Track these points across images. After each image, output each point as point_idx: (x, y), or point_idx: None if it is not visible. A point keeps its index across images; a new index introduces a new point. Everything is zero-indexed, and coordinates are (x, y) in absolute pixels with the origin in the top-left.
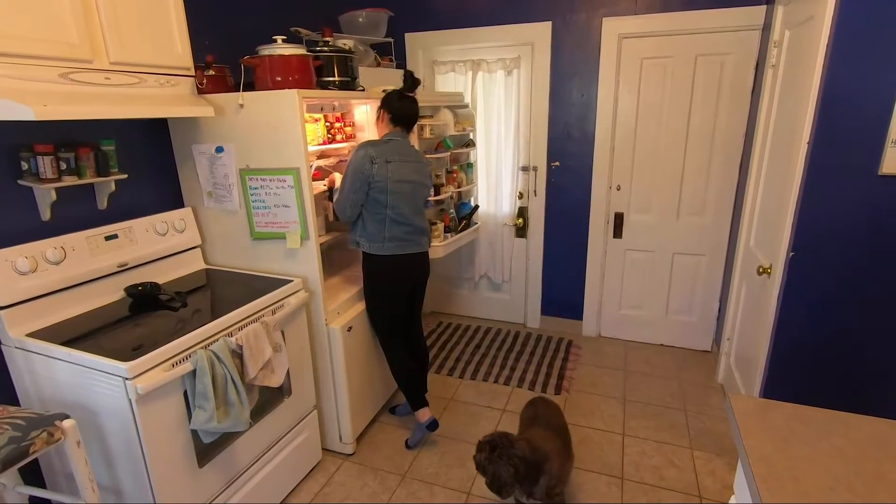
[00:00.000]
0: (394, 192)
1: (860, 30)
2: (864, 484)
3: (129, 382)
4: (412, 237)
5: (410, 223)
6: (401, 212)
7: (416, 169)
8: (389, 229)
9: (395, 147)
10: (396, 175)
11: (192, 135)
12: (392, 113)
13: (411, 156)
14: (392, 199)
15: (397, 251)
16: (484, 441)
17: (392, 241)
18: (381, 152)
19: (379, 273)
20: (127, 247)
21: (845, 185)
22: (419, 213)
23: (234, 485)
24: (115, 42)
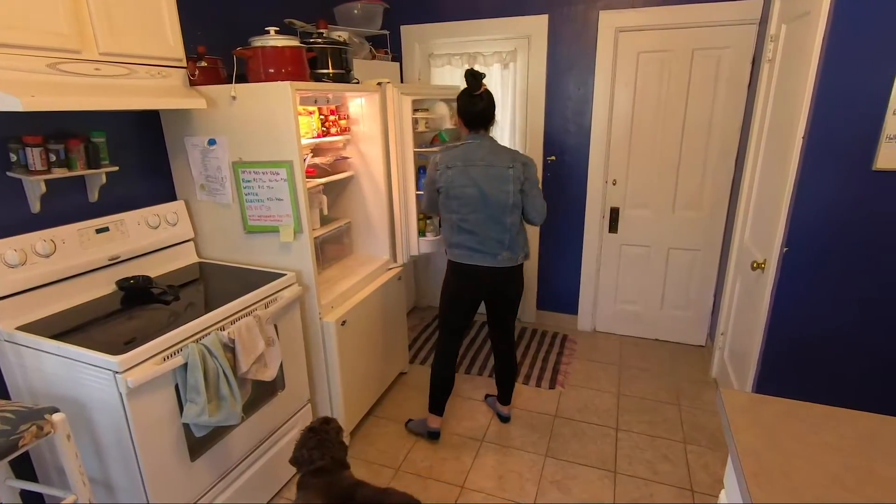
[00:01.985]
0: (457, 197)
1: (856, 25)
2: (855, 479)
3: (119, 376)
4: (482, 248)
5: (478, 232)
6: (465, 218)
7: (487, 174)
8: (457, 235)
9: (464, 151)
10: (458, 181)
11: (184, 127)
12: (461, 115)
13: (483, 160)
14: (456, 205)
15: (463, 260)
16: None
17: (458, 248)
18: (447, 158)
19: (447, 276)
20: (118, 240)
21: (840, 180)
22: (494, 223)
23: (226, 478)
24: (104, 32)
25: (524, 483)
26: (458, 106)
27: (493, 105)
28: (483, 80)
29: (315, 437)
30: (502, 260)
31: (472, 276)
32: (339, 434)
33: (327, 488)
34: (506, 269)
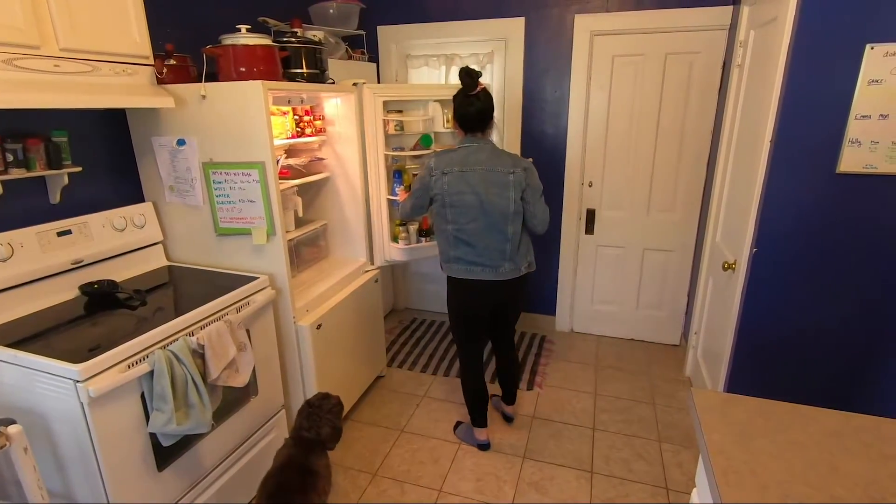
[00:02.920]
0: (454, 205)
1: (820, 31)
2: (818, 476)
3: (80, 385)
4: (482, 260)
5: (477, 243)
6: (463, 228)
7: (487, 179)
8: (454, 247)
9: (461, 156)
10: (455, 187)
11: (152, 127)
12: (457, 117)
13: (482, 164)
14: (452, 214)
15: (462, 275)
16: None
17: (458, 263)
18: (442, 162)
19: (449, 292)
20: (81, 243)
21: (805, 182)
22: (494, 232)
23: (197, 487)
24: (65, 27)
25: (502, 485)
26: (454, 107)
27: (491, 106)
28: (479, 78)
29: (308, 408)
30: (504, 272)
31: (473, 291)
32: (335, 412)
33: (286, 459)
34: (509, 282)
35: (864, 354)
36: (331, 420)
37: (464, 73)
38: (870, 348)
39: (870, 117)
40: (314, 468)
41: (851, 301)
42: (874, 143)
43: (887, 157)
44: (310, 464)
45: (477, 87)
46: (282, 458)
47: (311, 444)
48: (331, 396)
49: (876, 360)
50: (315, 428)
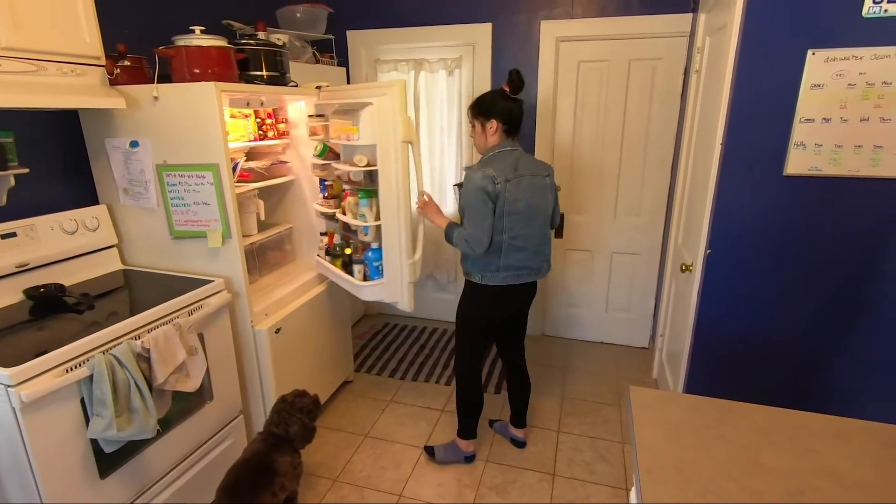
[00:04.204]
0: (510, 213)
1: (764, 38)
2: (741, 470)
3: (11, 390)
4: (530, 264)
5: (529, 247)
6: (518, 234)
7: (535, 185)
8: (506, 256)
9: (512, 161)
10: (514, 194)
11: (105, 128)
12: (503, 119)
13: (529, 168)
14: (508, 222)
15: (510, 281)
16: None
17: (508, 270)
18: (501, 169)
19: (477, 302)
20: (27, 245)
21: (755, 184)
22: (540, 235)
23: (145, 495)
24: (7, 26)
25: (462, 489)
26: (497, 109)
27: None
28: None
29: (281, 405)
30: (543, 272)
31: (514, 297)
32: (307, 410)
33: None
34: (536, 282)
35: (815, 352)
36: (300, 419)
37: (515, 75)
38: (821, 346)
39: (813, 121)
40: (274, 466)
41: (802, 299)
42: (818, 145)
43: (831, 160)
44: (271, 461)
45: (519, 93)
46: (247, 453)
47: (278, 441)
48: (307, 395)
49: (827, 357)
50: (284, 425)
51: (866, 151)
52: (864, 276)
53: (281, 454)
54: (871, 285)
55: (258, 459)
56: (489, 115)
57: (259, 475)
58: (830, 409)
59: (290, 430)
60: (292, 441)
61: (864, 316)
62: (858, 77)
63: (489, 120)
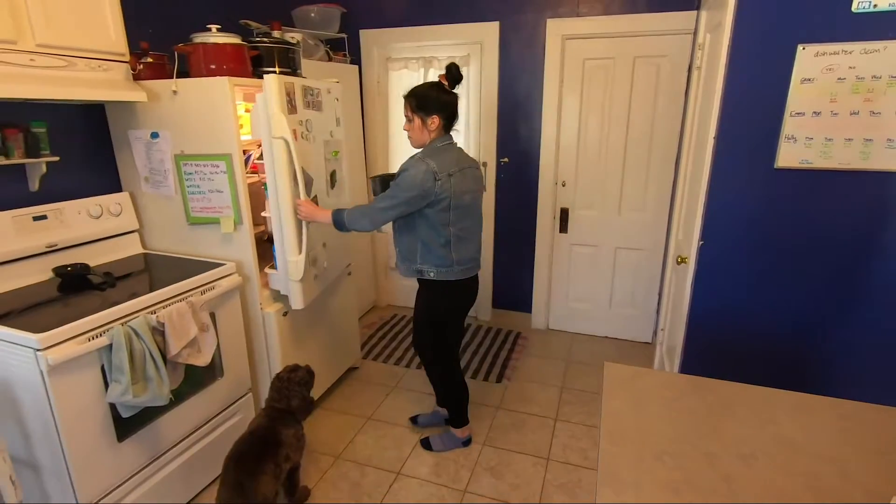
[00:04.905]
0: (457, 207)
1: (755, 33)
2: (699, 436)
3: (40, 354)
4: (476, 256)
5: (474, 240)
6: (464, 226)
7: (475, 177)
8: (457, 250)
9: (454, 155)
10: (460, 188)
11: (128, 120)
12: (444, 114)
13: (467, 161)
14: (455, 216)
15: (467, 274)
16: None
17: (461, 264)
18: (443, 164)
19: (441, 297)
20: (56, 228)
21: (747, 177)
22: (479, 227)
23: (158, 461)
24: (41, 24)
25: (459, 469)
26: (438, 105)
27: None
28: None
29: (278, 382)
30: (479, 265)
31: (470, 290)
32: (303, 383)
33: (256, 426)
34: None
35: (807, 344)
36: (300, 392)
37: (454, 68)
38: (812, 338)
39: (804, 114)
40: (279, 438)
41: (793, 291)
42: (809, 139)
43: (821, 153)
44: (276, 433)
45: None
46: (252, 426)
47: (281, 415)
48: (299, 368)
49: (819, 349)
50: (285, 400)
51: (857, 144)
52: (854, 268)
53: (285, 427)
54: (861, 276)
55: (264, 432)
56: (430, 110)
57: (265, 446)
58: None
59: (292, 404)
60: (294, 414)
61: (856, 307)
62: (848, 71)
63: (430, 115)
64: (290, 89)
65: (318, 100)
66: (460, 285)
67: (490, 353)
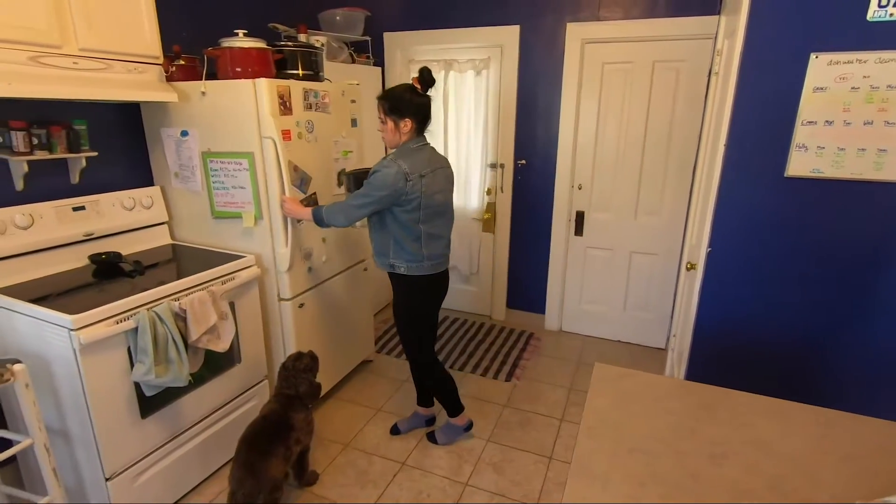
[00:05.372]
0: (428, 206)
1: (768, 40)
2: (674, 435)
3: (72, 333)
4: (446, 252)
5: (445, 236)
6: (435, 224)
7: (447, 176)
8: (427, 246)
9: (426, 156)
10: (432, 188)
11: (161, 119)
12: (417, 116)
13: (440, 161)
14: (426, 214)
15: (437, 269)
16: None
17: (431, 260)
18: (415, 165)
19: (414, 293)
20: (93, 218)
21: (756, 185)
22: (450, 225)
23: (178, 439)
24: (84, 29)
25: (462, 463)
26: (412, 108)
27: None
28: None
29: (284, 371)
30: (449, 260)
31: (441, 285)
32: (308, 369)
33: (268, 411)
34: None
35: (814, 356)
36: (306, 378)
37: (427, 73)
38: (820, 350)
39: (815, 123)
40: (290, 422)
41: (801, 300)
42: (820, 148)
43: (833, 163)
44: (287, 417)
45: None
46: (264, 411)
47: (291, 400)
48: (303, 356)
49: (826, 362)
50: (293, 387)
51: (870, 155)
52: (865, 278)
53: (295, 412)
54: (872, 287)
55: (275, 416)
56: (404, 113)
57: (276, 430)
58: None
59: (300, 390)
60: (303, 399)
61: (867, 318)
62: (862, 80)
63: (403, 118)
64: (283, 92)
65: (323, 101)
66: (431, 279)
67: (501, 353)
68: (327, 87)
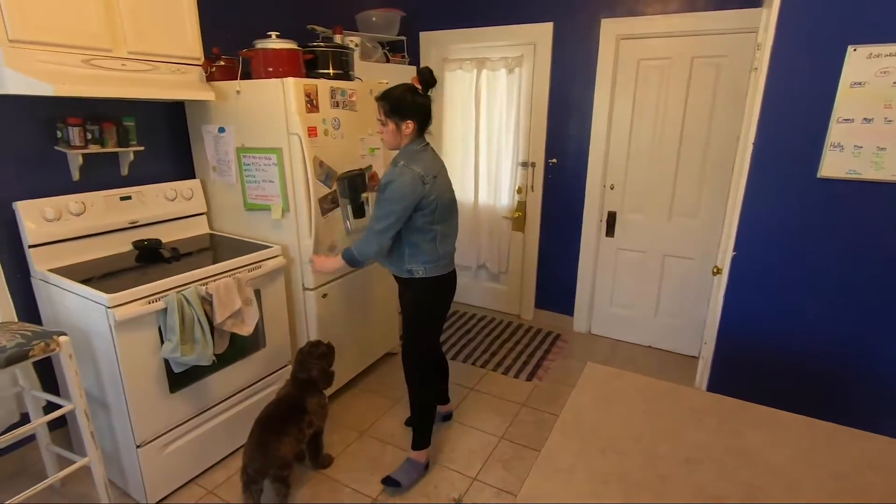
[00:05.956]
0: (441, 206)
1: (800, 32)
2: (654, 437)
3: (109, 310)
4: (454, 250)
5: (453, 235)
6: (449, 224)
7: (448, 176)
8: (441, 245)
9: (431, 156)
10: (442, 187)
11: (202, 116)
12: (419, 117)
13: (441, 162)
14: (440, 215)
15: (449, 269)
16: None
17: (444, 259)
18: (426, 167)
19: (429, 294)
20: (138, 207)
21: (785, 186)
22: (457, 224)
23: (203, 415)
24: (132, 34)
25: (472, 458)
26: (414, 109)
27: None
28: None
29: (300, 356)
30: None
31: (453, 284)
32: (323, 356)
33: (283, 394)
34: None
35: (845, 364)
36: (319, 364)
37: (429, 72)
38: (848, 361)
39: (852, 121)
40: (304, 405)
41: (832, 309)
42: (857, 147)
43: (872, 163)
44: (302, 400)
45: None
46: (280, 394)
47: (305, 384)
48: (321, 344)
49: (856, 372)
50: (306, 371)
51: None
52: None
53: (310, 395)
54: None
55: (290, 399)
56: (405, 115)
57: (291, 411)
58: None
59: (313, 374)
60: (316, 383)
61: None
62: None
63: (405, 120)
64: (310, 91)
65: (350, 100)
66: (447, 278)
67: (525, 352)
68: (355, 86)
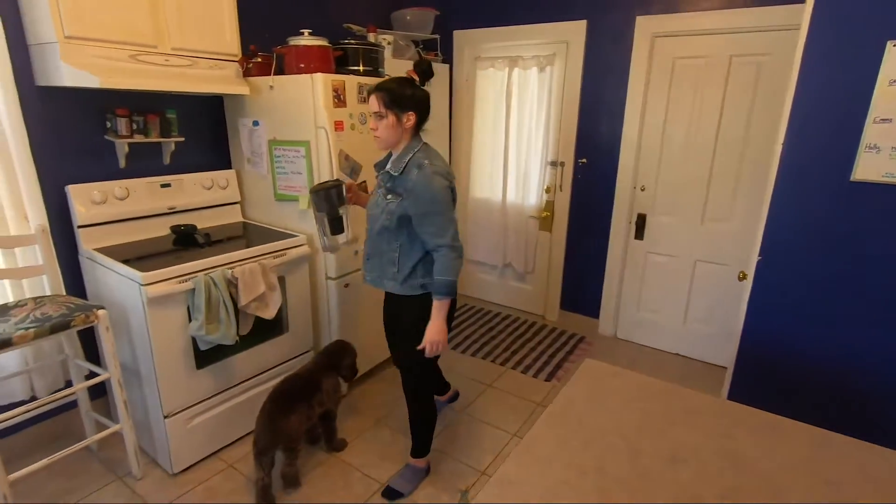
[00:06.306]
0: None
1: (836, 27)
2: (640, 434)
3: (142, 287)
4: None
5: None
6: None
7: None
8: None
9: (437, 153)
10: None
11: (239, 110)
12: (421, 111)
13: None
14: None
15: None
16: None
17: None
18: (440, 166)
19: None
20: (177, 194)
21: (815, 190)
22: None
23: (226, 392)
24: (176, 31)
25: (482, 452)
26: (415, 100)
27: None
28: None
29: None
30: None
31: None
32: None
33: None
34: None
35: (870, 378)
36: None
37: (428, 64)
38: (878, 373)
39: (891, 121)
40: (318, 384)
41: (863, 320)
42: (895, 149)
43: None
44: (317, 379)
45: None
46: (299, 370)
47: (329, 366)
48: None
49: (882, 383)
50: (338, 356)
51: None
52: None
53: (327, 377)
54: None
55: (307, 375)
56: (406, 106)
57: (303, 388)
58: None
59: (344, 362)
60: (340, 370)
61: None
62: None
63: (406, 112)
64: (338, 86)
65: None
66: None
67: (547, 352)
68: None
